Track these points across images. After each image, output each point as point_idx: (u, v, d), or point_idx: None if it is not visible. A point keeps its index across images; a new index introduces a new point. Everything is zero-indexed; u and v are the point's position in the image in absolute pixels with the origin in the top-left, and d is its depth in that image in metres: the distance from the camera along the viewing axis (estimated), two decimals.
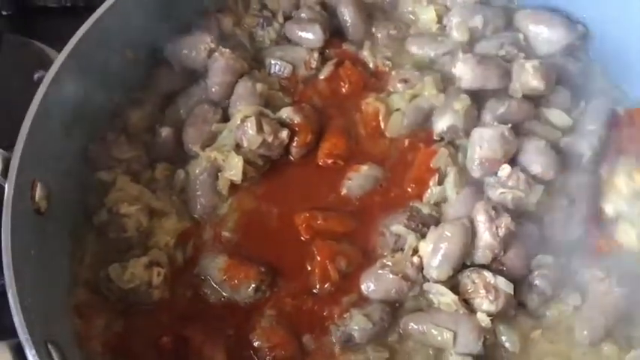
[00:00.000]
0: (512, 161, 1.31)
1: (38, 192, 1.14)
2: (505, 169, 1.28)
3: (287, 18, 1.49)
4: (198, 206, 1.29)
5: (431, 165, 1.32)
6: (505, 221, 1.22)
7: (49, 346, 1.04)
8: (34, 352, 0.98)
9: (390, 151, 1.37)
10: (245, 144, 1.29)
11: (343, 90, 1.43)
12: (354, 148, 1.37)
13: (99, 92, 1.32)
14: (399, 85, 1.41)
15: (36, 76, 1.48)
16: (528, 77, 1.36)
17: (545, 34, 1.46)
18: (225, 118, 1.36)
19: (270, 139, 1.29)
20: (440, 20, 1.50)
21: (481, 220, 1.23)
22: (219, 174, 1.30)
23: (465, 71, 1.36)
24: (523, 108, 1.37)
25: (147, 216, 1.27)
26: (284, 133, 1.31)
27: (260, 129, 1.28)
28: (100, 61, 1.30)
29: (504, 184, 1.27)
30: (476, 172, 1.31)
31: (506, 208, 1.25)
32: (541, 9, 1.50)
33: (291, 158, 1.35)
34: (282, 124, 1.33)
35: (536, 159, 1.30)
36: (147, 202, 1.28)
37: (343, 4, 1.48)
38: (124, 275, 1.19)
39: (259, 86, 1.36)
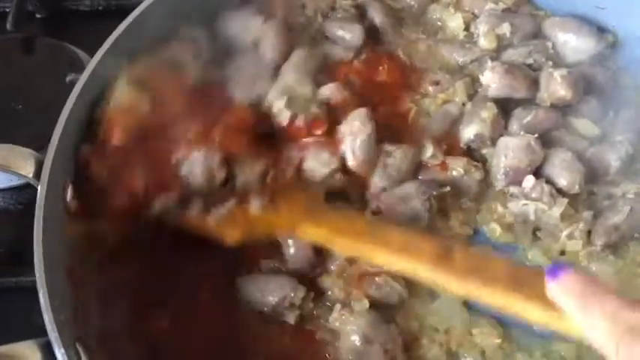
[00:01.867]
0: (537, 172, 1.30)
1: (69, 193, 1.16)
2: (529, 180, 1.28)
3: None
4: None
5: None
6: None
7: (78, 346, 1.05)
8: (63, 351, 1.00)
9: None
10: None
11: (379, 79, 1.42)
12: None
13: None
14: (430, 88, 1.41)
15: (68, 78, 1.51)
16: (556, 86, 1.35)
17: (573, 43, 1.45)
18: None
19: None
20: (467, 28, 1.50)
21: None
22: None
23: (492, 79, 1.36)
24: (550, 117, 1.36)
25: None
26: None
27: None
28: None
29: (527, 195, 1.27)
30: (500, 182, 1.31)
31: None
32: (570, 17, 1.48)
33: None
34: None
35: (561, 172, 1.29)
36: None
37: (373, 9, 1.48)
38: None
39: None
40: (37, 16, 1.75)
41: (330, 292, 1.21)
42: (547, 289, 0.89)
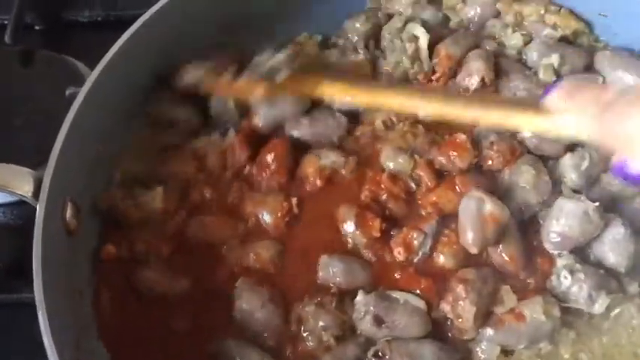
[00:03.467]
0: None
1: (69, 211, 1.14)
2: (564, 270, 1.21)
3: None
4: None
5: None
6: None
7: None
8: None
9: None
10: None
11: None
12: None
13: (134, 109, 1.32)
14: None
15: (67, 92, 1.48)
16: None
17: (625, 79, 1.38)
18: None
19: None
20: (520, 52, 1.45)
21: None
22: None
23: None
24: (603, 159, 1.27)
25: None
26: None
27: None
28: (136, 77, 1.30)
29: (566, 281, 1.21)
30: (548, 246, 1.24)
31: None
32: (624, 51, 1.43)
33: None
34: None
35: (609, 252, 1.23)
36: None
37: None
38: None
39: None
40: (36, 28, 1.73)
41: None
42: (543, 105, 1.17)
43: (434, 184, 1.29)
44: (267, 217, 1.27)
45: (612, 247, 1.22)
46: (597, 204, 1.21)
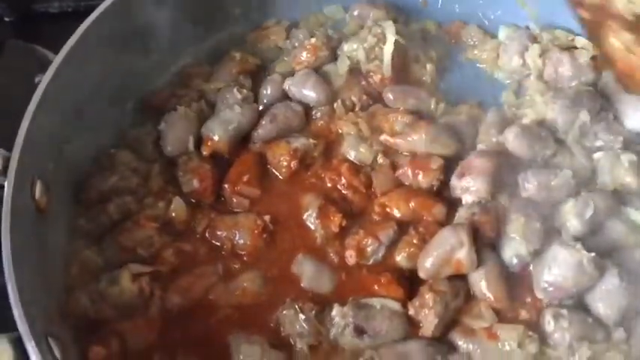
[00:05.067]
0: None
1: (38, 189, 1.17)
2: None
3: None
4: None
5: None
6: None
7: (50, 340, 1.06)
8: (33, 343, 1.00)
9: None
10: None
11: None
12: None
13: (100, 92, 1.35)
14: None
15: (37, 79, 1.50)
16: (621, 171, 1.29)
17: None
18: None
19: None
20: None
21: None
22: None
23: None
24: (609, 205, 1.26)
25: None
26: None
27: None
28: (100, 61, 1.33)
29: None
30: (539, 294, 1.21)
31: None
32: None
33: None
34: None
35: (599, 303, 1.18)
36: None
37: None
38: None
39: None
40: (6, 19, 1.75)
41: None
42: None
43: (389, 188, 1.33)
44: (242, 239, 1.28)
45: (603, 298, 1.17)
46: (593, 254, 1.16)
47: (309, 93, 1.43)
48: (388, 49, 1.46)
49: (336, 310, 1.19)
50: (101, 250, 1.26)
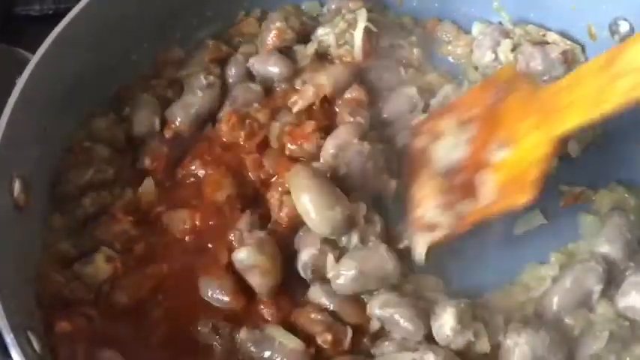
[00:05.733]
0: None
1: (16, 187, 1.19)
2: None
3: None
4: None
5: None
6: None
7: (29, 334, 1.08)
8: (12, 336, 1.03)
9: None
10: None
11: None
12: None
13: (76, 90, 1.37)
14: None
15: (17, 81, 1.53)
16: None
17: None
18: None
19: None
20: None
21: None
22: None
23: None
24: None
25: None
26: None
27: None
28: (76, 62, 1.36)
29: None
30: None
31: None
32: None
33: None
34: None
35: None
36: None
37: None
38: None
39: None
40: None
41: None
42: None
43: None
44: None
45: None
46: None
47: (273, 68, 1.48)
48: (358, 33, 1.51)
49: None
50: (76, 244, 1.28)
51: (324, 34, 1.53)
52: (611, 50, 1.16)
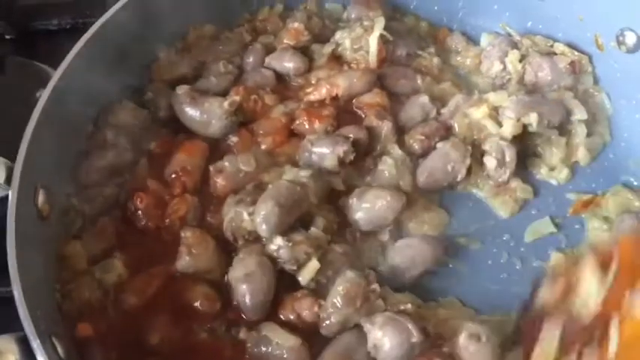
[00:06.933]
0: None
1: (40, 197, 1.22)
2: None
3: None
4: None
5: None
6: None
7: (54, 340, 1.11)
8: (38, 342, 1.06)
9: None
10: None
11: None
12: None
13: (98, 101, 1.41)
14: None
15: (37, 94, 1.56)
16: None
17: None
18: None
19: None
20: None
21: None
22: None
23: None
24: None
25: None
26: None
27: None
28: (97, 74, 1.39)
29: None
30: None
31: None
32: None
33: None
34: None
35: None
36: None
37: None
38: None
39: None
40: (7, 37, 1.81)
41: None
42: None
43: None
44: None
45: None
46: None
47: (289, 64, 1.54)
48: (373, 40, 1.54)
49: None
50: (90, 248, 1.31)
51: (342, 38, 1.57)
52: None
